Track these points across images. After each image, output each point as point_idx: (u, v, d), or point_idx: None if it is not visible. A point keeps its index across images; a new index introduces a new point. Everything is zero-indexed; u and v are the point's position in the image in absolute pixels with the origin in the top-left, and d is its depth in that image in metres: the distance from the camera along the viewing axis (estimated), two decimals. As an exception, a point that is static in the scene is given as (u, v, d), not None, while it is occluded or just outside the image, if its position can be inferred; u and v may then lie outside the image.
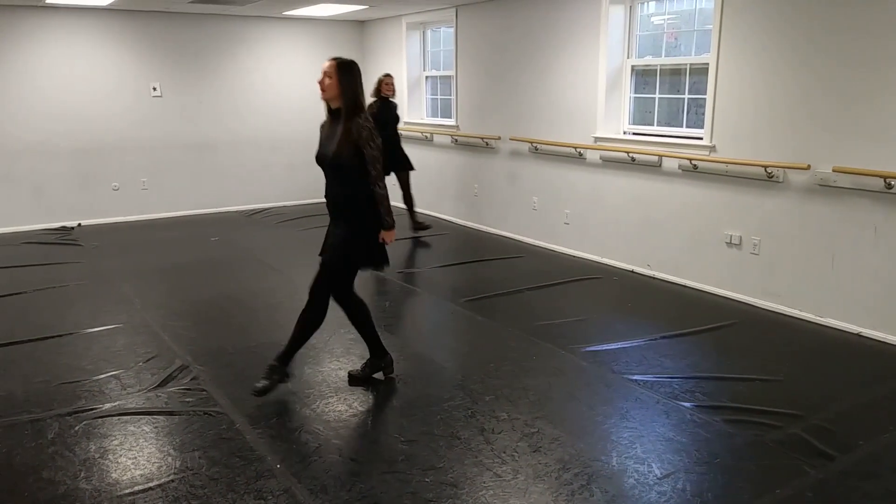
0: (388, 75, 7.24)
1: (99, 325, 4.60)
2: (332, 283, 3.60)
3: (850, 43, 4.28)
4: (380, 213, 3.51)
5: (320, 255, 3.68)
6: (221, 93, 8.50)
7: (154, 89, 8.14)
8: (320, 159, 3.59)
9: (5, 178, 7.54)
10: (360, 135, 3.38)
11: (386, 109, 7.17)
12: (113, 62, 7.88)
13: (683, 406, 3.47)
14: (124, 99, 8.00)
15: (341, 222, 3.58)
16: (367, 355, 3.88)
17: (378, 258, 3.63)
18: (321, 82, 3.48)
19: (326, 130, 3.60)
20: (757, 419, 3.32)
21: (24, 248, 6.80)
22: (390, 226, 3.55)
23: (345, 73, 3.44)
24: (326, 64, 3.49)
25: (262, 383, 3.52)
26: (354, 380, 3.79)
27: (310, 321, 3.58)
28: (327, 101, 3.52)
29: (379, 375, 3.82)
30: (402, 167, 7.42)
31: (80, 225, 7.92)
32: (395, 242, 3.74)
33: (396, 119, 7.39)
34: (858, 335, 4.43)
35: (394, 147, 7.22)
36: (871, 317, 4.38)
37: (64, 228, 7.75)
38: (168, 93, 8.23)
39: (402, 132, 8.71)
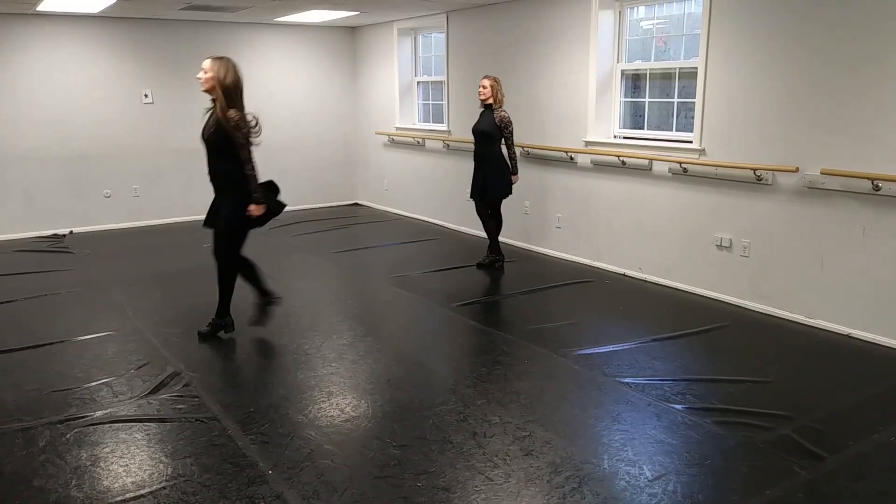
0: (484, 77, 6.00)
1: (91, 333, 4.59)
2: (229, 247, 4.30)
3: (836, 45, 4.32)
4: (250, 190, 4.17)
5: (205, 225, 4.35)
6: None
7: (146, 96, 8.14)
8: (202, 138, 4.21)
9: (-4, 186, 7.52)
10: (228, 123, 4.02)
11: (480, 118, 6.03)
12: (104, 69, 7.87)
13: (674, 408, 3.49)
14: (116, 106, 8.00)
15: (224, 196, 4.24)
16: (358, 358, 3.96)
17: (256, 221, 4.30)
18: (200, 78, 4.09)
19: (208, 115, 4.19)
20: (747, 420, 3.34)
21: (16, 256, 6.77)
22: (258, 200, 4.19)
23: (219, 69, 4.05)
24: (206, 62, 4.09)
25: (205, 330, 4.42)
26: (203, 337, 4.44)
27: (226, 277, 4.36)
28: (206, 92, 4.11)
29: (222, 335, 4.49)
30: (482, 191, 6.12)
31: (71, 232, 7.90)
32: (397, 249, 3.83)
33: (480, 132, 5.96)
34: (848, 336, 4.45)
35: (483, 162, 6.03)
36: (861, 318, 4.41)
37: (56, 236, 7.73)
38: (160, 100, 8.22)
39: (394, 137, 8.78)
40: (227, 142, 4.06)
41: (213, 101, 4.11)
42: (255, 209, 4.20)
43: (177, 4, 6.84)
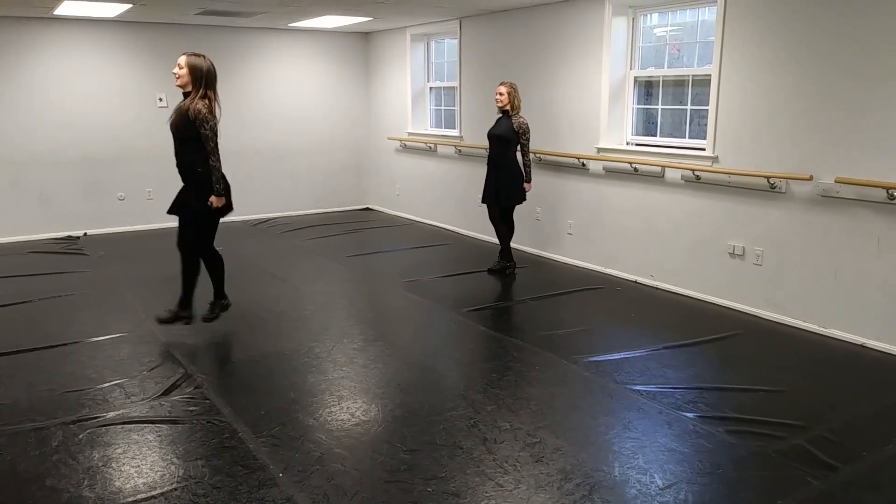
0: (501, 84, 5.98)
1: (104, 334, 4.63)
2: (200, 237, 4.45)
3: (852, 53, 4.30)
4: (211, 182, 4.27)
5: (169, 211, 4.45)
6: (227, 103, 8.39)
7: (160, 100, 8.20)
8: (169, 127, 4.35)
9: (13, 188, 7.59)
10: (196, 116, 4.16)
11: (497, 123, 6.03)
12: (120, 73, 7.95)
13: (686, 416, 3.47)
14: (131, 110, 8.06)
15: (191, 187, 4.35)
16: (368, 362, 3.95)
17: (221, 212, 4.42)
18: (175, 73, 4.27)
19: (178, 108, 4.33)
20: (760, 430, 3.31)
21: (31, 257, 6.84)
22: (219, 193, 4.29)
23: (193, 68, 4.23)
24: (181, 59, 4.25)
25: (164, 316, 4.55)
26: (206, 319, 4.67)
27: (189, 270, 4.49)
28: (181, 87, 4.29)
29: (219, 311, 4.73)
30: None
31: (85, 234, 7.97)
32: (408, 254, 3.85)
33: (497, 137, 5.94)
34: (862, 346, 4.42)
35: (497, 167, 6.01)
36: (875, 328, 4.37)
37: (70, 238, 7.79)
38: (174, 104, 8.23)
39: (406, 142, 8.80)
40: (192, 131, 4.19)
41: (185, 95, 4.31)
42: (215, 201, 4.31)
43: (192, 10, 6.90)
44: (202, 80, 4.23)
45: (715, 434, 3.29)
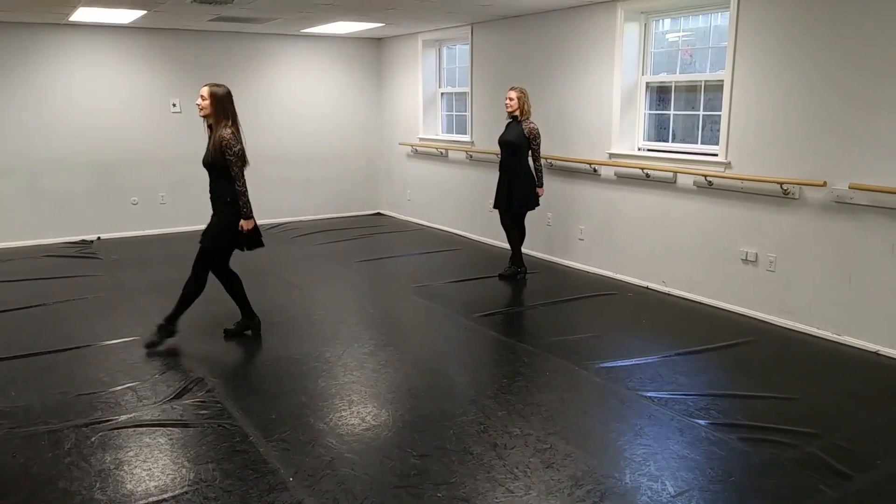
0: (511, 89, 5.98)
1: (116, 338, 4.66)
2: (210, 261, 4.46)
3: (865, 58, 4.27)
4: (238, 206, 4.33)
5: (200, 242, 4.45)
6: (239, 109, 8.52)
7: (174, 105, 8.26)
8: (203, 163, 4.38)
9: (28, 192, 7.66)
10: (222, 143, 4.23)
11: (507, 129, 6.04)
12: (134, 79, 8.01)
13: (698, 423, 3.44)
14: (145, 115, 8.13)
15: (216, 212, 4.41)
16: (379, 367, 3.96)
17: (246, 241, 4.48)
18: (199, 105, 4.32)
19: (209, 145, 4.36)
20: (773, 437, 3.29)
21: (45, 261, 6.89)
22: (247, 216, 4.35)
23: (216, 98, 4.29)
24: (204, 90, 4.30)
25: (150, 339, 4.45)
26: (229, 335, 4.67)
27: (191, 291, 4.47)
28: (204, 117, 4.35)
29: (249, 333, 4.72)
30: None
31: (99, 238, 8.03)
32: (419, 259, 3.85)
33: (507, 143, 5.95)
34: (877, 353, 4.38)
35: (509, 173, 6.00)
36: (889, 335, 4.33)
37: (84, 242, 7.85)
38: (188, 109, 8.34)
39: (418, 148, 8.82)
40: (223, 161, 4.26)
41: (210, 126, 4.35)
42: (245, 224, 4.36)
43: (205, 16, 6.95)
44: (224, 109, 4.30)
45: (727, 441, 3.26)
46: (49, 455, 3.14)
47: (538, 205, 6.08)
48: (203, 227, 4.48)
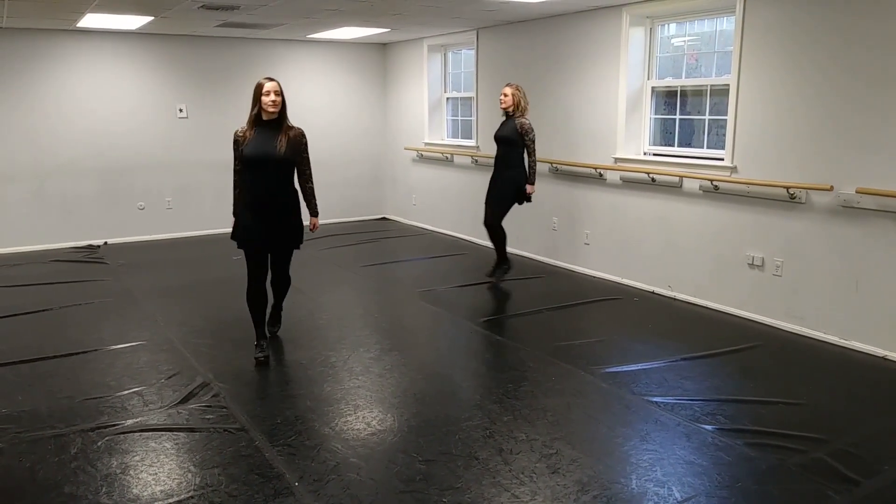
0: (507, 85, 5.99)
1: (123, 342, 4.67)
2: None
3: (872, 62, 4.26)
4: (313, 204, 4.43)
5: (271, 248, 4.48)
6: (246, 114, 8.62)
7: (180, 111, 8.30)
8: (263, 160, 4.12)
9: (36, 197, 7.70)
10: (301, 141, 4.23)
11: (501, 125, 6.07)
12: (141, 84, 8.05)
13: (704, 429, 3.43)
14: (151, 120, 8.17)
15: (286, 214, 4.29)
16: (384, 372, 4.00)
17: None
18: (274, 101, 4.09)
19: (258, 137, 4.14)
20: (780, 443, 3.27)
21: (52, 266, 6.92)
22: (316, 213, 4.50)
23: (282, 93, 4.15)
24: (273, 85, 4.10)
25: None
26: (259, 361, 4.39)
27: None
28: (274, 113, 4.13)
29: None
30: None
31: (106, 243, 8.06)
32: (424, 264, 3.87)
33: (502, 138, 5.97)
34: (884, 358, 4.35)
35: (499, 168, 6.02)
36: (898, 340, 4.31)
37: (90, 246, 7.89)
38: (194, 115, 8.38)
39: (423, 153, 8.83)
40: (298, 158, 4.30)
41: (261, 122, 4.18)
42: (315, 221, 4.59)
43: (212, 22, 6.98)
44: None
45: (734, 447, 3.25)
46: (55, 459, 3.15)
47: (529, 201, 6.02)
48: (209, 231, 4.50)
